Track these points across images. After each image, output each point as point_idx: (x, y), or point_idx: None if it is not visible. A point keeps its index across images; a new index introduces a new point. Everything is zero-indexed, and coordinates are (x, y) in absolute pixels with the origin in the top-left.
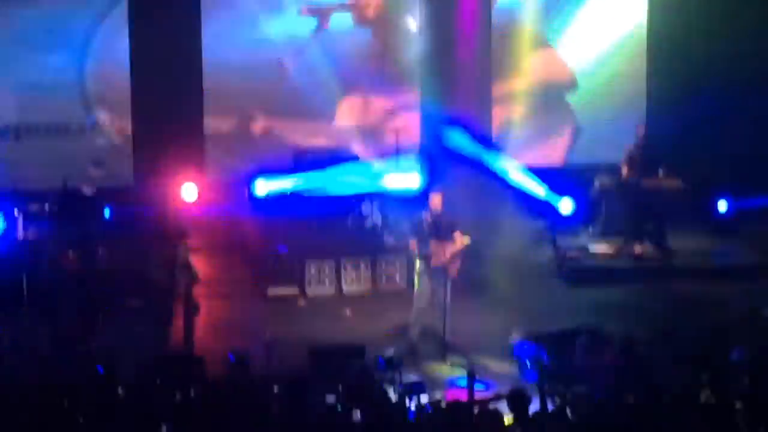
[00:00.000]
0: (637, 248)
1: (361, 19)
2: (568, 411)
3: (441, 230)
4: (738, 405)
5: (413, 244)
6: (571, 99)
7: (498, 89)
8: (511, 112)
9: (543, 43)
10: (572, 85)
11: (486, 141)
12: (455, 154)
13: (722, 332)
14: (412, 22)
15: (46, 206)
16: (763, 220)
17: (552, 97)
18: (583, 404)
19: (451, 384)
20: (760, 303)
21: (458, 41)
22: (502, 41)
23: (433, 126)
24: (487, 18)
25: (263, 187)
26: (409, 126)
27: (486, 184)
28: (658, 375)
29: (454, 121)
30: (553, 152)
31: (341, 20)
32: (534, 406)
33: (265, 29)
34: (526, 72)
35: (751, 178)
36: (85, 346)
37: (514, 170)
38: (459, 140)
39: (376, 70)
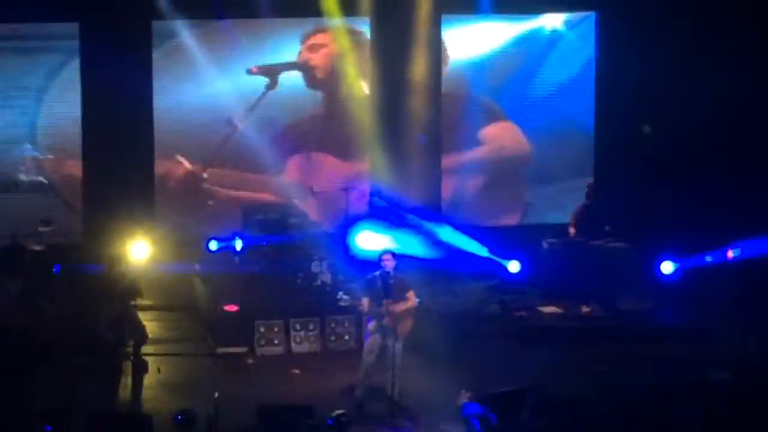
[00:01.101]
0: (585, 308)
1: (312, 81)
2: None
3: (392, 290)
4: None
5: (365, 303)
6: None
7: (454, 159)
8: (467, 183)
9: (500, 115)
10: (529, 157)
11: (434, 213)
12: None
13: (669, 395)
14: (365, 87)
15: None
16: (708, 282)
17: (508, 170)
18: None
19: None
20: (706, 365)
21: (408, 111)
22: (455, 111)
23: (381, 196)
24: (437, 88)
25: (215, 245)
26: (361, 195)
27: (435, 245)
28: None
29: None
30: (507, 221)
31: (293, 80)
32: None
33: (215, 87)
34: (484, 143)
35: (696, 239)
36: (32, 404)
37: (461, 231)
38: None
39: (328, 133)
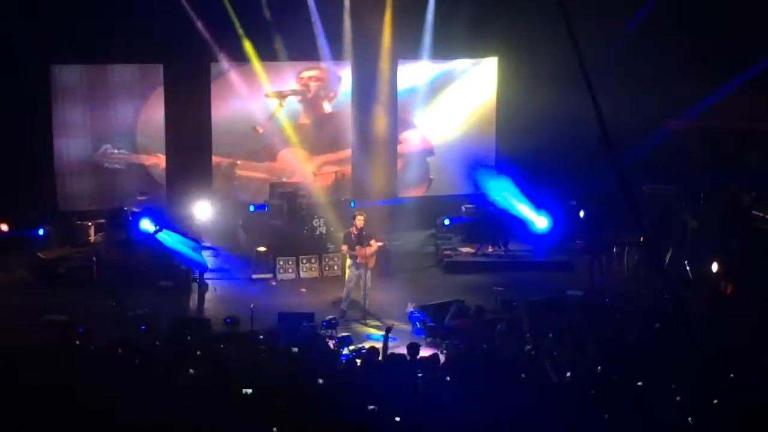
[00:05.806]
0: (489, 249)
1: (303, 101)
2: (442, 356)
3: (362, 239)
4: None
5: (345, 249)
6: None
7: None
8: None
9: (411, 123)
10: (431, 152)
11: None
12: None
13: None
14: (328, 106)
15: (106, 221)
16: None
17: (418, 160)
18: (453, 352)
19: (369, 337)
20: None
21: (376, 119)
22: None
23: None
24: (394, 103)
25: (252, 208)
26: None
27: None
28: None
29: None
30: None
31: (293, 101)
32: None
33: (248, 106)
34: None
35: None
36: (134, 311)
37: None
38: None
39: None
